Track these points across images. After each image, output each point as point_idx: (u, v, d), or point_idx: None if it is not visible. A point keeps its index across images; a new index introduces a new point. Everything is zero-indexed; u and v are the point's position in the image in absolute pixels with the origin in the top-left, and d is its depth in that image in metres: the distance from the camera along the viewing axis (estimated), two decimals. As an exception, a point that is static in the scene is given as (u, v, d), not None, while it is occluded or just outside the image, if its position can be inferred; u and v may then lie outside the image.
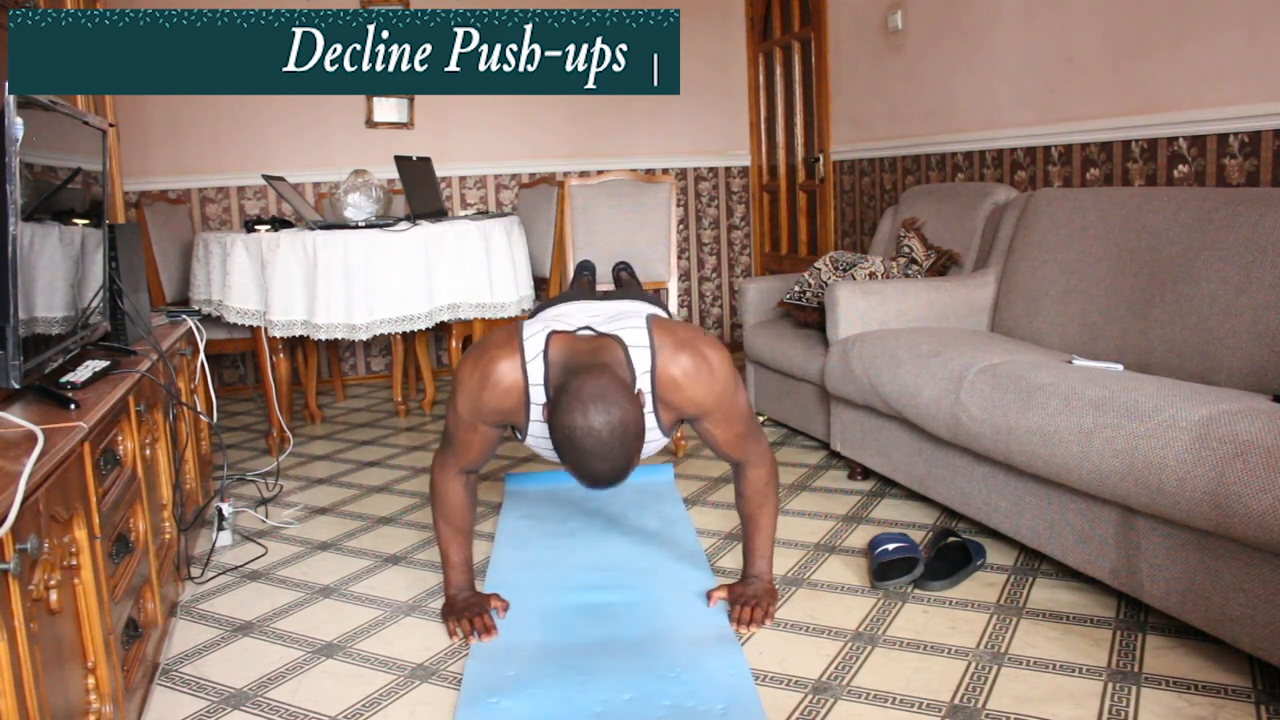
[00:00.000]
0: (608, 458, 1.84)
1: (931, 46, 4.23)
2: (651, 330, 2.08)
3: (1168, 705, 1.82)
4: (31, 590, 1.32)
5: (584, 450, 1.84)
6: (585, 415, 1.83)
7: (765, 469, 2.26)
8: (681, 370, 2.06)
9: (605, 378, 1.89)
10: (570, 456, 1.87)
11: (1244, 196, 2.50)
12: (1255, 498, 1.73)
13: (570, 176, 5.51)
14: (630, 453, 1.87)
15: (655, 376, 2.06)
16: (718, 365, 2.10)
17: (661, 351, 2.06)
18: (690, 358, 2.07)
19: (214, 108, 5.26)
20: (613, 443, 1.83)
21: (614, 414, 1.84)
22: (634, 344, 2.05)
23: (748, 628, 2.21)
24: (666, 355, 2.06)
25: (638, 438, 1.88)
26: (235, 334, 4.20)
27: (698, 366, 2.07)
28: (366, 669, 2.13)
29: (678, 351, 2.06)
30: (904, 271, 3.60)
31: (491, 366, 2.06)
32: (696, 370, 2.07)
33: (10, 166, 1.59)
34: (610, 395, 1.86)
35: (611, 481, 1.90)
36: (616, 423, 1.84)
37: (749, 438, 2.21)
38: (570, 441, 1.85)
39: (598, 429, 1.82)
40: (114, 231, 2.40)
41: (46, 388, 1.79)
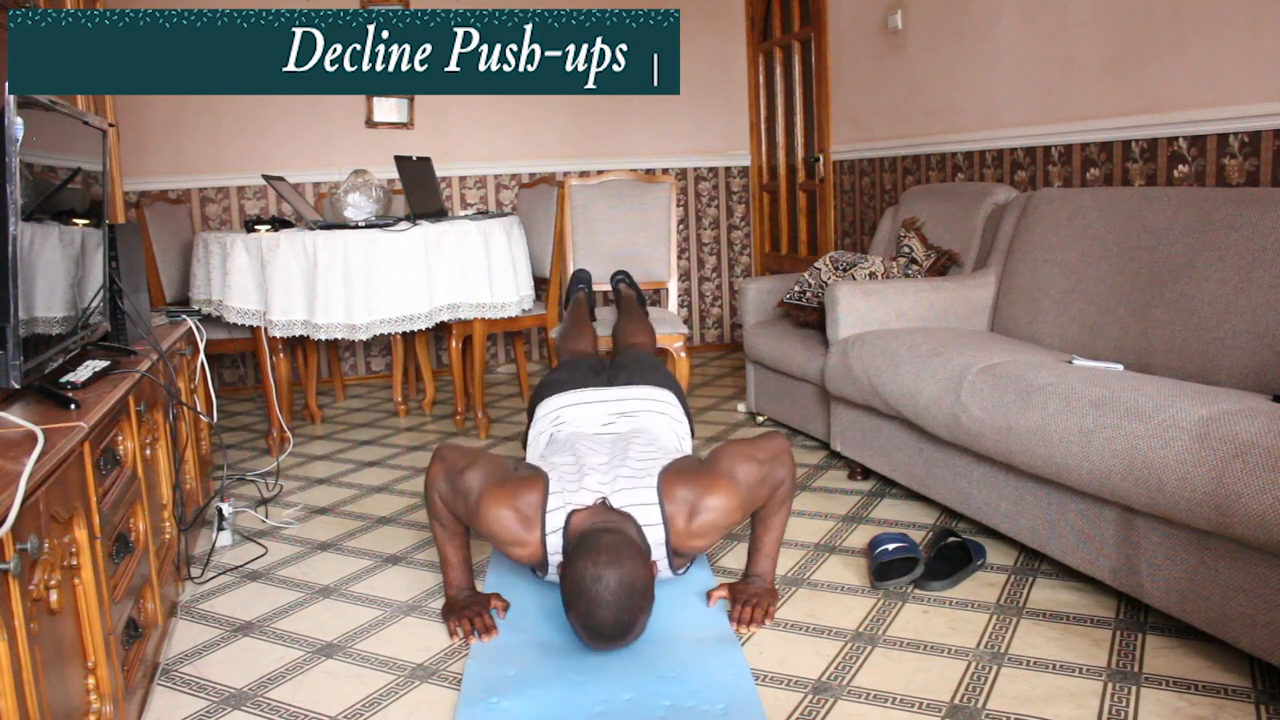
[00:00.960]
0: (614, 608, 1.94)
1: (931, 46, 4.23)
2: (662, 501, 2.15)
3: (1168, 705, 1.82)
4: (31, 590, 1.32)
5: (592, 598, 1.94)
6: (596, 564, 1.95)
7: (788, 483, 2.30)
8: (697, 537, 2.18)
9: (621, 536, 2.02)
10: (578, 605, 1.96)
11: (1244, 196, 2.50)
12: (1255, 498, 1.73)
13: (570, 176, 5.50)
14: (636, 610, 1.98)
15: (670, 547, 2.17)
16: (730, 509, 2.17)
17: (674, 522, 2.15)
18: (703, 520, 2.16)
19: (214, 108, 5.26)
20: (620, 594, 1.94)
21: (625, 569, 1.95)
22: (646, 522, 2.14)
23: (748, 627, 2.21)
24: (680, 527, 2.16)
25: (645, 597, 1.99)
26: (235, 334, 4.20)
27: (713, 524, 2.17)
28: (366, 669, 2.13)
29: (690, 520, 2.16)
30: (904, 271, 3.60)
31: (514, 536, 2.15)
32: (712, 528, 2.18)
33: (10, 166, 1.59)
34: (624, 552, 1.98)
35: (614, 636, 1.99)
36: (626, 576, 1.95)
37: (767, 482, 2.25)
38: (579, 588, 1.95)
39: (607, 578, 1.94)
40: (114, 231, 2.40)
41: (47, 388, 1.79)
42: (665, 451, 2.31)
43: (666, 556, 2.19)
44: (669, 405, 2.62)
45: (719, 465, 2.21)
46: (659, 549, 2.16)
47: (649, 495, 2.15)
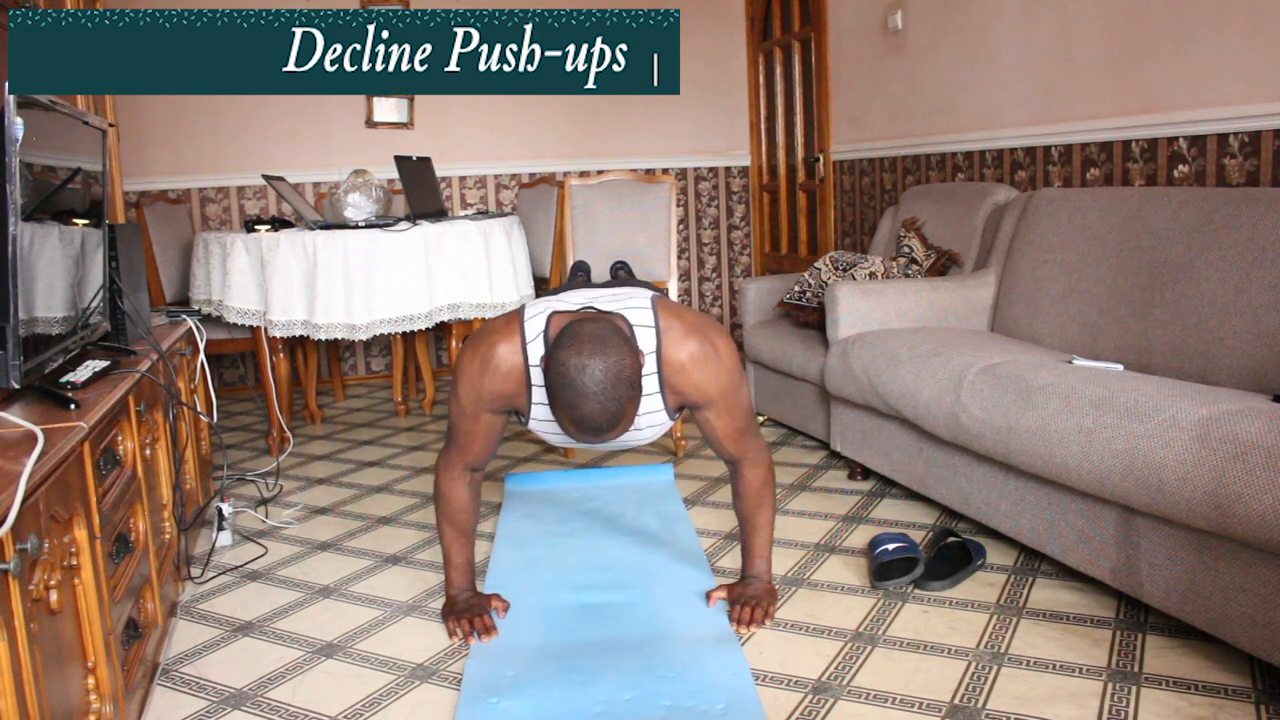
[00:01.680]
0: (601, 398, 1.82)
1: (931, 46, 4.23)
2: (657, 311, 2.07)
3: (1168, 705, 1.82)
4: (31, 590, 1.32)
5: (577, 389, 1.81)
6: (581, 354, 1.82)
7: (762, 469, 2.26)
8: (689, 355, 2.06)
9: (606, 325, 1.89)
10: (563, 398, 1.84)
11: (1244, 196, 2.50)
12: (1255, 498, 1.73)
13: (570, 176, 5.50)
14: (624, 400, 1.85)
15: (661, 358, 2.05)
16: (725, 354, 2.10)
17: (668, 333, 2.05)
18: (698, 343, 2.06)
19: (214, 108, 5.26)
20: (606, 383, 1.82)
21: (610, 356, 1.83)
22: (639, 323, 2.03)
23: (747, 628, 2.21)
24: (674, 338, 2.05)
25: (633, 387, 1.87)
26: (235, 334, 4.20)
27: (705, 352, 2.07)
28: (366, 669, 2.13)
29: (685, 336, 2.06)
30: (904, 271, 3.60)
31: (492, 350, 2.06)
32: (704, 356, 2.07)
33: (10, 166, 1.59)
34: (609, 340, 1.85)
35: (602, 428, 1.85)
36: (612, 365, 1.83)
37: (748, 433, 2.21)
38: (564, 379, 1.83)
39: (592, 367, 1.81)
40: (114, 231, 2.40)
41: (46, 388, 1.79)
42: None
43: (658, 372, 2.06)
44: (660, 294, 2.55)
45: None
46: (650, 359, 2.03)
47: (642, 302, 2.06)
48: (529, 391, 2.09)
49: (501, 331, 2.08)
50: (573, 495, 3.21)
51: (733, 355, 2.12)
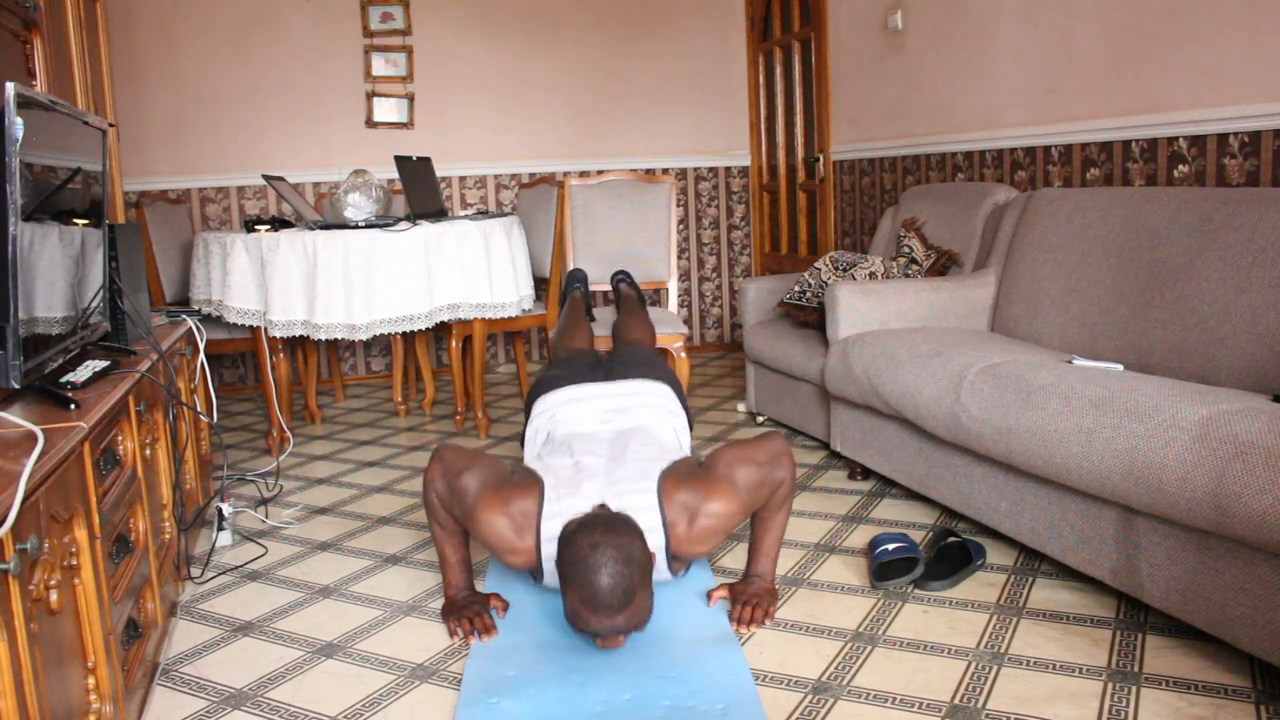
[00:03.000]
0: (611, 575, 1.92)
1: (931, 46, 4.23)
2: (662, 506, 2.14)
3: (1168, 705, 1.82)
4: (31, 590, 1.32)
5: (588, 566, 1.93)
6: (592, 534, 1.96)
7: (788, 484, 2.29)
8: (697, 542, 2.17)
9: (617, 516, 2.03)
10: (574, 576, 1.95)
11: (1244, 196, 2.50)
12: (1255, 498, 1.73)
13: (570, 176, 5.51)
14: (634, 581, 1.95)
15: (670, 551, 2.17)
16: (730, 513, 2.16)
17: (675, 527, 2.14)
18: (704, 525, 2.15)
19: (214, 108, 5.26)
20: (617, 561, 1.93)
21: (622, 538, 1.96)
22: (647, 527, 2.11)
23: (748, 627, 2.21)
24: (680, 532, 2.15)
25: (643, 571, 1.98)
26: (235, 334, 4.20)
27: (713, 529, 2.16)
28: (366, 669, 2.13)
29: (690, 525, 2.15)
30: (904, 271, 3.60)
31: (509, 543, 2.14)
32: (713, 533, 2.16)
33: (10, 166, 1.59)
34: (620, 526, 1.99)
35: (613, 606, 1.94)
36: (623, 545, 1.95)
37: (767, 484, 2.24)
38: (575, 558, 1.95)
39: (602, 545, 1.94)
40: (114, 231, 2.40)
41: (46, 388, 1.79)
42: (664, 449, 2.30)
43: (666, 560, 2.18)
44: (666, 399, 2.61)
45: (717, 469, 2.20)
46: (658, 554, 2.15)
47: (649, 500, 2.13)
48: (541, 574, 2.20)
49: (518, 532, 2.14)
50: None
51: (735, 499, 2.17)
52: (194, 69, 5.22)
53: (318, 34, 5.34)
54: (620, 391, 2.59)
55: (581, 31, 5.65)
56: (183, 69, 5.21)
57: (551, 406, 2.59)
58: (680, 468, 2.21)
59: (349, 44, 5.38)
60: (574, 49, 5.65)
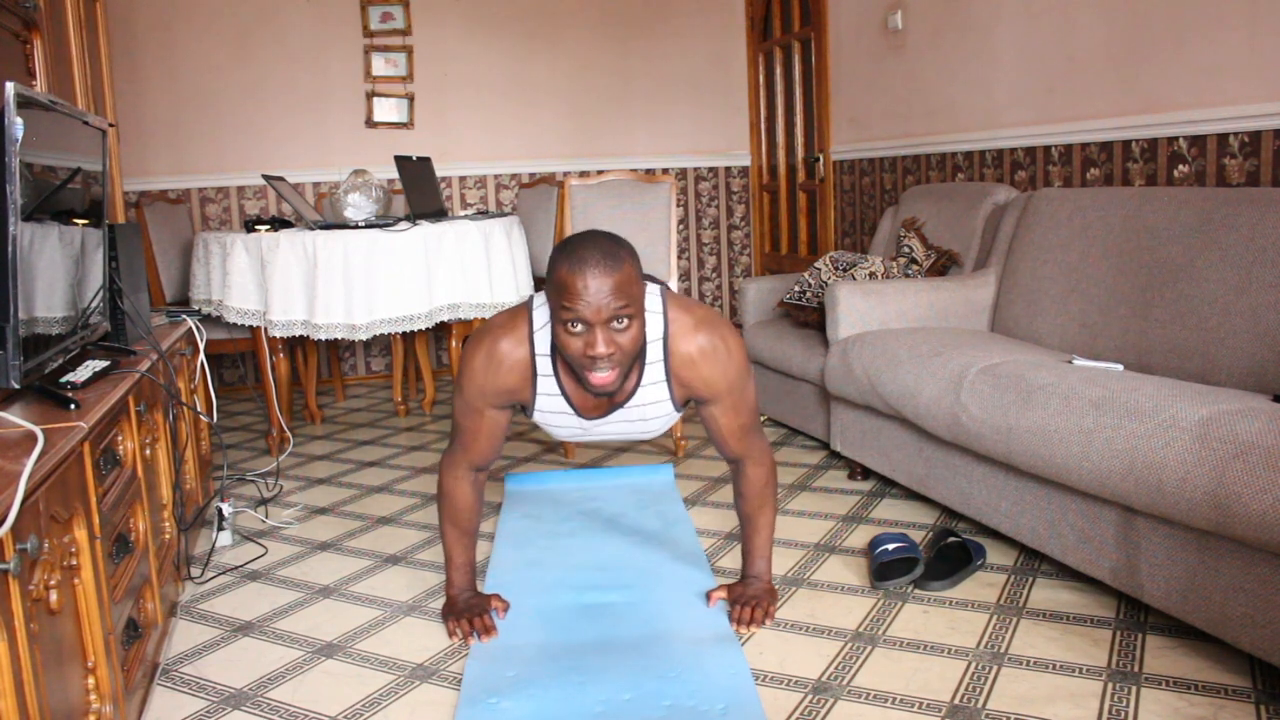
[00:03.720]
0: (600, 244, 1.85)
1: (931, 46, 4.23)
2: (666, 301, 2.06)
3: (1168, 705, 1.82)
4: (31, 590, 1.32)
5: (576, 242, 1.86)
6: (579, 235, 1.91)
7: (765, 468, 2.25)
8: (697, 348, 2.05)
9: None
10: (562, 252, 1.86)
11: (1244, 196, 2.50)
12: (1255, 498, 1.73)
13: (570, 176, 5.51)
14: (623, 253, 1.86)
15: (668, 348, 2.05)
16: (734, 350, 2.10)
17: (676, 324, 2.05)
18: (707, 336, 2.06)
19: (214, 108, 5.26)
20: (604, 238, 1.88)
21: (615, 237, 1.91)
22: (647, 309, 2.02)
23: (748, 628, 2.21)
24: (682, 329, 2.05)
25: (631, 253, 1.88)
26: (235, 334, 4.20)
27: (714, 345, 2.06)
28: (366, 669, 2.13)
29: (695, 329, 2.05)
30: (904, 271, 3.60)
31: (496, 344, 2.07)
32: (713, 349, 2.06)
33: (10, 166, 1.59)
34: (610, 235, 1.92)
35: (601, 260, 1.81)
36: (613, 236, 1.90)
37: (753, 432, 2.21)
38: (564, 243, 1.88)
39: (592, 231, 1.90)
40: (114, 231, 2.40)
41: (46, 388, 1.79)
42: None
43: (664, 360, 2.05)
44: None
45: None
46: (656, 348, 2.03)
47: (651, 289, 2.05)
48: (534, 382, 2.08)
49: (506, 325, 2.09)
50: (573, 495, 3.21)
51: (741, 353, 2.12)
52: (194, 69, 5.22)
53: (318, 34, 5.34)
54: None
55: (581, 31, 5.66)
56: (183, 69, 5.21)
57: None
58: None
59: (349, 44, 5.38)
60: (574, 49, 5.66)
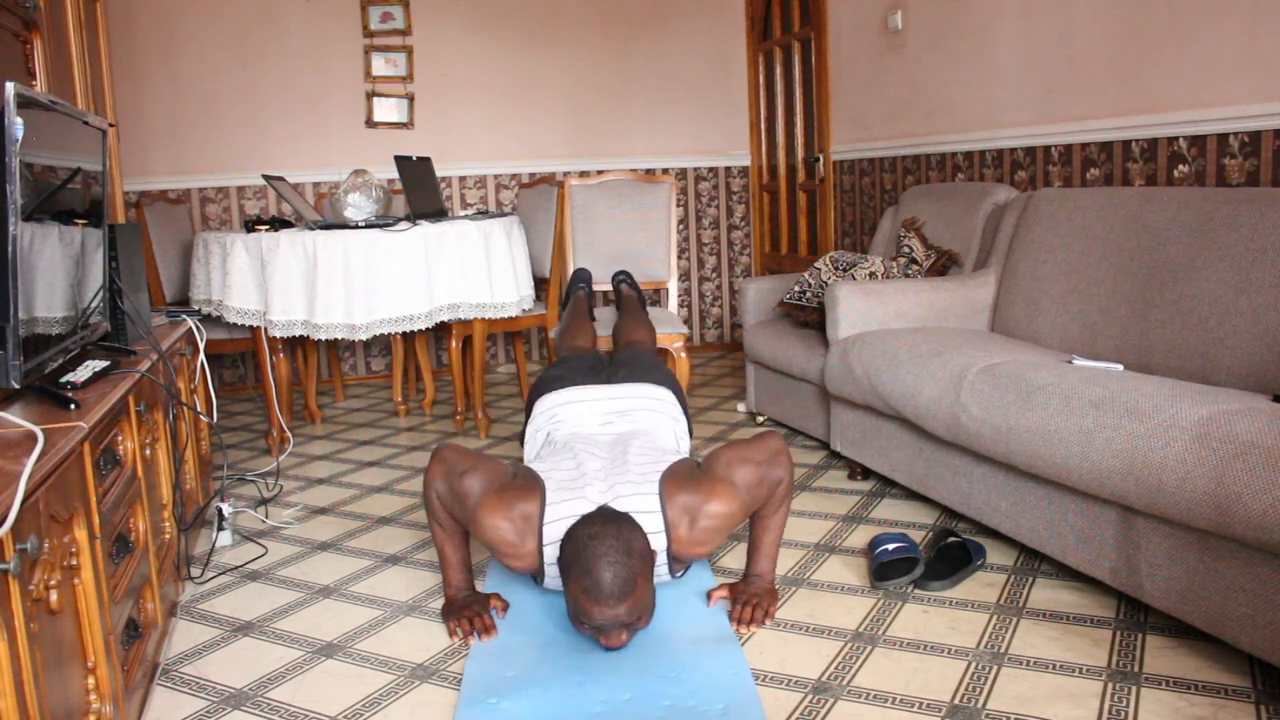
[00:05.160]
0: (613, 564, 1.95)
1: (931, 46, 4.23)
2: (665, 506, 2.14)
3: (1168, 705, 1.82)
4: (31, 590, 1.32)
5: (590, 554, 1.95)
6: (591, 525, 2.01)
7: (786, 482, 2.29)
8: (698, 544, 2.17)
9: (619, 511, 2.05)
10: (576, 566, 1.97)
11: (1244, 196, 2.50)
12: (1255, 498, 1.73)
13: (570, 176, 5.51)
14: (635, 571, 1.97)
15: (671, 554, 2.17)
16: (731, 514, 2.17)
17: (676, 529, 2.15)
18: (705, 526, 2.15)
19: (214, 108, 5.26)
20: (619, 550, 1.96)
21: (623, 530, 1.98)
22: (650, 529, 2.12)
23: (748, 627, 2.21)
24: (682, 535, 2.15)
25: (644, 561, 2.00)
26: (235, 334, 4.20)
27: (715, 530, 2.16)
28: (366, 669, 2.13)
29: (692, 527, 2.15)
30: (904, 271, 3.60)
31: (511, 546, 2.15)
32: (714, 534, 2.17)
33: (10, 166, 1.59)
34: (620, 518, 2.02)
35: (616, 595, 1.95)
36: (624, 536, 1.98)
37: (765, 483, 2.25)
38: (576, 549, 1.97)
39: (603, 534, 1.97)
40: (114, 231, 2.40)
41: (46, 388, 1.79)
42: (664, 453, 2.30)
43: (667, 563, 2.19)
44: (667, 404, 2.61)
45: (716, 470, 2.21)
46: (660, 556, 2.16)
47: (651, 502, 2.14)
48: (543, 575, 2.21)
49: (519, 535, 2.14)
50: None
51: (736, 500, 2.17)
52: (194, 69, 5.22)
53: (318, 34, 5.34)
54: (621, 394, 2.59)
55: (581, 31, 5.65)
56: (183, 69, 5.21)
57: (552, 407, 2.59)
58: (680, 470, 2.21)
59: (349, 44, 5.38)
60: (574, 49, 5.65)
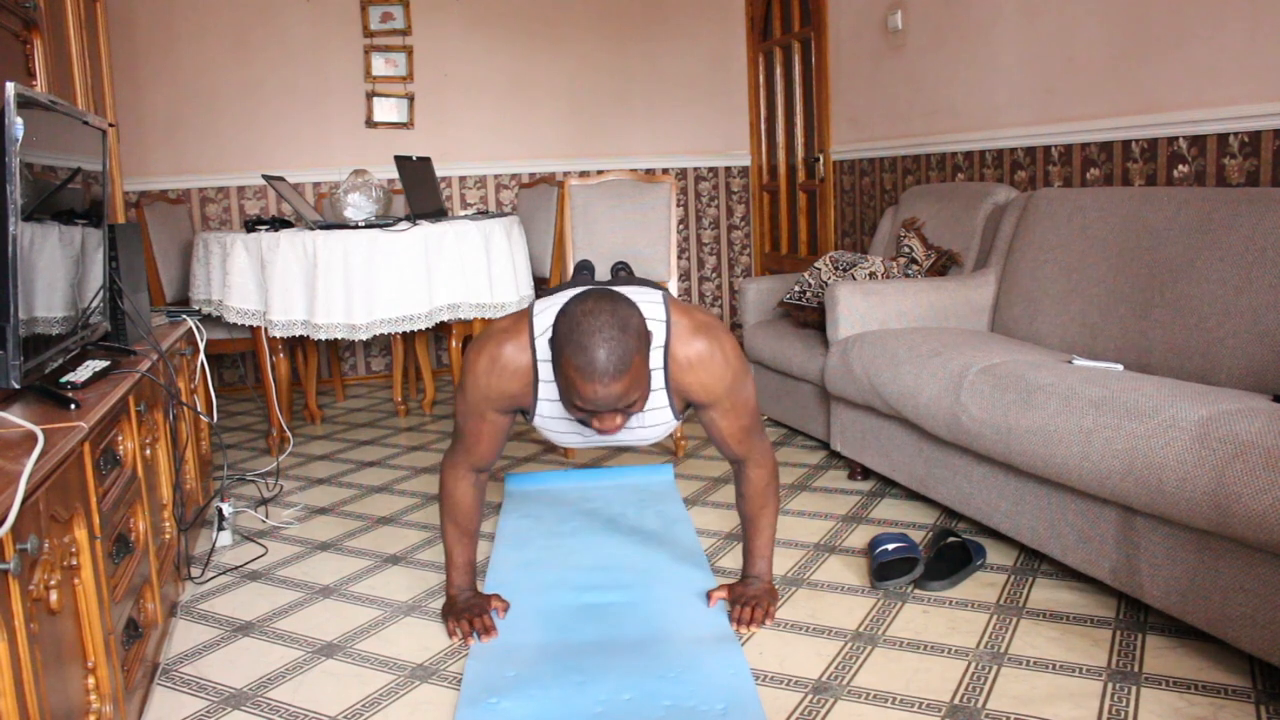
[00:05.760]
0: (611, 341, 1.80)
1: (931, 46, 4.23)
2: (668, 307, 2.07)
3: (1168, 705, 1.82)
4: (31, 590, 1.32)
5: (585, 330, 1.80)
6: (585, 301, 1.84)
7: (766, 469, 2.26)
8: (696, 353, 2.05)
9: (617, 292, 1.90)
10: (570, 341, 1.81)
11: (1244, 196, 2.50)
12: (1255, 498, 1.73)
13: (570, 176, 5.51)
14: (632, 349, 1.82)
15: (668, 353, 2.05)
16: (732, 354, 2.10)
17: (676, 328, 2.05)
18: (705, 341, 2.06)
19: (214, 108, 5.26)
20: (615, 328, 1.80)
21: (619, 308, 1.84)
22: (650, 316, 2.03)
23: (748, 628, 2.21)
24: (681, 333, 2.05)
25: (640, 339, 1.85)
26: (235, 334, 4.20)
27: (712, 351, 2.06)
28: (366, 669, 2.13)
29: (694, 334, 2.05)
30: (904, 271, 3.60)
31: (499, 349, 2.07)
32: (710, 354, 2.06)
33: (10, 166, 1.59)
34: (616, 297, 1.87)
35: (610, 372, 1.80)
36: (620, 313, 1.83)
37: (753, 433, 2.21)
38: (568, 325, 1.82)
39: (598, 311, 1.81)
40: (114, 231, 2.40)
41: (47, 388, 1.79)
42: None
43: (664, 368, 2.04)
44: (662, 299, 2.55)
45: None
46: (657, 353, 2.03)
47: (654, 296, 2.07)
48: (535, 388, 2.09)
49: (509, 330, 2.09)
50: (573, 495, 3.21)
51: (739, 357, 2.12)
52: (194, 69, 5.22)
53: (318, 34, 5.34)
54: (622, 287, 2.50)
55: (581, 31, 5.65)
56: (183, 69, 5.21)
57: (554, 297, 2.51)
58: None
59: (349, 44, 5.38)
60: (574, 49, 5.65)
